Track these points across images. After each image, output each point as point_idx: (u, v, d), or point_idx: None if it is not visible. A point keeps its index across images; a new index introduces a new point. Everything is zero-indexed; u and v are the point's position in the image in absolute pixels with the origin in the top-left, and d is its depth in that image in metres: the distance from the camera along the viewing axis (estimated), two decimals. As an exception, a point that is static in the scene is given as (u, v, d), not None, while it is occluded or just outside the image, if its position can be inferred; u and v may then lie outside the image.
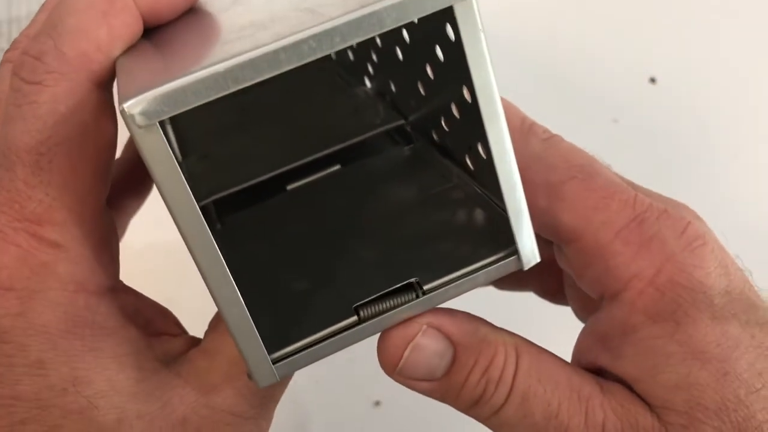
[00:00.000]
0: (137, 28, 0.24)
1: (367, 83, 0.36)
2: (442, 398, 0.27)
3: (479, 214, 0.28)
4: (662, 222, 0.26)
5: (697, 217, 0.27)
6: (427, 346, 0.25)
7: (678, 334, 0.25)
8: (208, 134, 0.36)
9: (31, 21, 0.29)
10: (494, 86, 0.23)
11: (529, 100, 0.30)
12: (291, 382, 0.27)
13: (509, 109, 0.27)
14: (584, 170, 0.27)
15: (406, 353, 0.25)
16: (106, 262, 0.26)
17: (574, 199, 0.26)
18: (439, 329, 0.26)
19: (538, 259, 0.26)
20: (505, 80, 0.24)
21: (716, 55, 0.57)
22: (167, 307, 0.29)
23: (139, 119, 0.20)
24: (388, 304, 0.25)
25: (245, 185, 0.30)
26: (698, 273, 0.25)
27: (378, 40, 0.31)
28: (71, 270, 0.25)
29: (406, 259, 0.27)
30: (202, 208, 0.30)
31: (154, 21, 0.25)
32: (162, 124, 0.20)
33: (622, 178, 0.28)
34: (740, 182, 0.53)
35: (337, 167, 0.32)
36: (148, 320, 0.27)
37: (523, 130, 0.28)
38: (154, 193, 0.32)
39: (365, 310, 0.25)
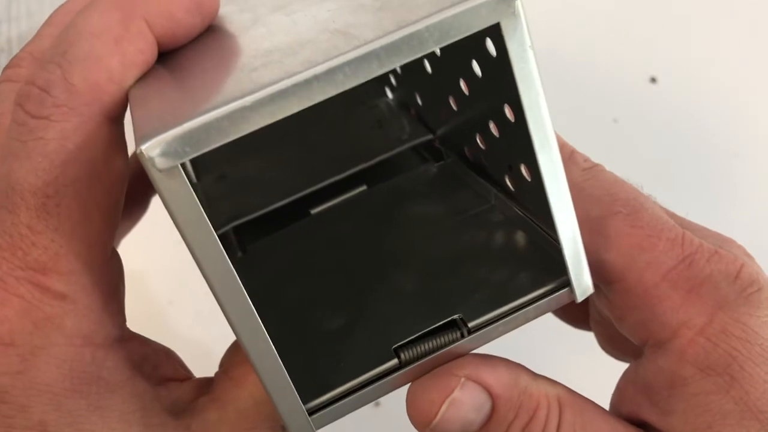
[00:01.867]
0: (152, 55, 0.23)
1: (389, 94, 0.34)
2: None
3: (522, 239, 0.26)
4: (713, 264, 0.24)
5: (747, 255, 0.25)
6: (465, 401, 0.23)
7: (734, 391, 0.23)
8: (223, 151, 0.34)
9: (35, 35, 0.27)
10: (545, 106, 0.21)
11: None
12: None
13: None
14: (629, 205, 0.25)
15: (443, 409, 0.23)
16: (114, 312, 0.25)
17: (618, 237, 0.24)
18: (478, 382, 0.23)
19: (592, 290, 0.24)
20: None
21: (716, 55, 0.57)
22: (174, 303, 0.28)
23: (159, 162, 0.18)
24: (431, 345, 0.23)
25: (267, 210, 0.29)
26: (754, 323, 0.23)
27: None
28: (78, 323, 0.23)
29: (446, 291, 0.25)
30: (222, 236, 0.28)
31: (169, 45, 0.23)
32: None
33: (668, 212, 0.26)
34: (740, 182, 0.53)
35: (363, 188, 0.30)
36: (155, 366, 0.26)
37: (562, 157, 0.26)
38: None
39: (406, 352, 0.23)
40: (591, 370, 0.32)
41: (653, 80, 0.56)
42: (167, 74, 0.23)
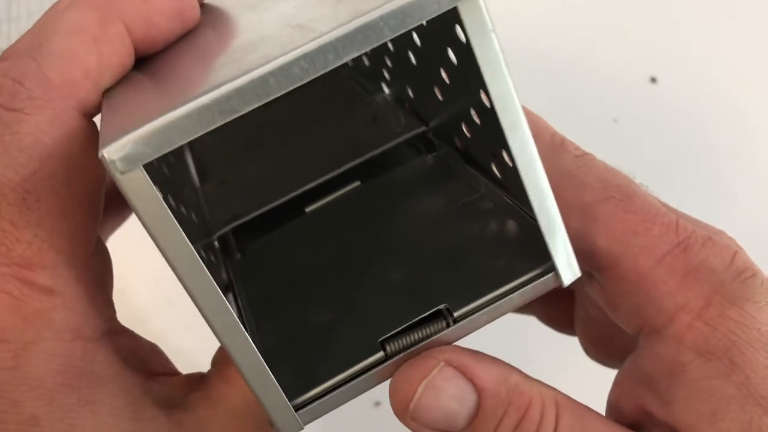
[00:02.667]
0: (128, 58, 0.23)
1: (385, 89, 0.34)
2: None
3: (511, 227, 0.26)
4: (708, 249, 0.24)
5: (738, 245, 0.25)
6: (443, 387, 0.23)
7: (734, 375, 0.22)
8: (224, 156, 0.34)
9: (26, 32, 0.27)
10: (511, 88, 0.21)
11: (529, 100, 0.30)
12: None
13: (538, 124, 0.26)
14: (621, 190, 0.25)
15: (419, 391, 0.23)
16: (102, 304, 0.25)
17: (612, 222, 0.24)
18: (459, 369, 0.23)
19: (579, 274, 0.23)
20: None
21: (716, 55, 0.57)
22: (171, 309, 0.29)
23: (120, 165, 0.18)
24: (416, 336, 0.23)
25: (262, 211, 0.29)
26: (750, 307, 0.23)
27: (390, 45, 0.29)
28: (66, 317, 0.23)
29: (433, 282, 0.25)
30: (221, 238, 0.29)
31: (147, 50, 0.23)
32: (180, 151, 0.19)
33: (660, 201, 0.26)
34: (740, 182, 0.53)
35: (356, 184, 0.31)
36: (143, 361, 0.26)
37: (553, 145, 0.26)
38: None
39: (392, 345, 0.23)
40: (585, 375, 0.32)
41: (653, 80, 0.56)
42: (140, 78, 0.23)
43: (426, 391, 0.23)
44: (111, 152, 0.18)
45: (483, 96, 0.22)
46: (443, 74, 0.25)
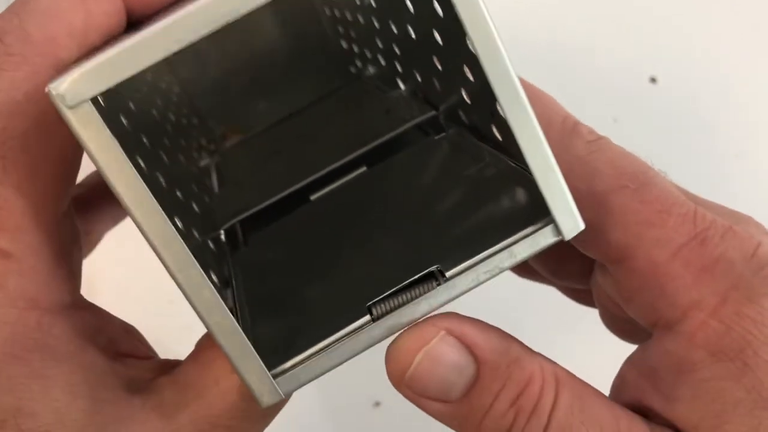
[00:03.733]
0: (118, 19, 0.22)
1: (401, 85, 0.34)
2: (459, 427, 0.23)
3: (512, 188, 0.25)
4: (728, 241, 0.22)
5: (766, 234, 0.24)
6: (443, 356, 0.22)
7: (746, 378, 0.21)
8: (243, 168, 0.35)
9: None
10: (491, 27, 0.20)
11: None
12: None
13: (550, 105, 0.25)
14: (637, 179, 0.23)
15: (417, 359, 0.22)
16: (64, 276, 0.23)
17: (625, 213, 0.23)
18: (460, 338, 0.22)
19: (582, 227, 0.22)
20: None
21: (716, 55, 0.57)
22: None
23: (69, 99, 0.18)
24: (404, 298, 0.22)
25: (269, 202, 0.29)
26: None
27: (394, 28, 0.29)
28: (22, 284, 0.22)
29: (429, 248, 0.24)
30: (229, 230, 0.30)
31: (140, 11, 0.22)
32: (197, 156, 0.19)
33: (679, 188, 0.25)
34: (740, 182, 0.53)
35: (362, 169, 0.31)
36: (111, 340, 0.25)
37: (565, 129, 0.25)
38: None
39: (378, 308, 0.22)
40: (591, 358, 0.31)
41: (653, 80, 0.56)
42: (118, 37, 0.22)
43: (424, 360, 0.22)
44: (57, 86, 0.18)
45: (470, 45, 0.21)
46: (436, 36, 0.25)
